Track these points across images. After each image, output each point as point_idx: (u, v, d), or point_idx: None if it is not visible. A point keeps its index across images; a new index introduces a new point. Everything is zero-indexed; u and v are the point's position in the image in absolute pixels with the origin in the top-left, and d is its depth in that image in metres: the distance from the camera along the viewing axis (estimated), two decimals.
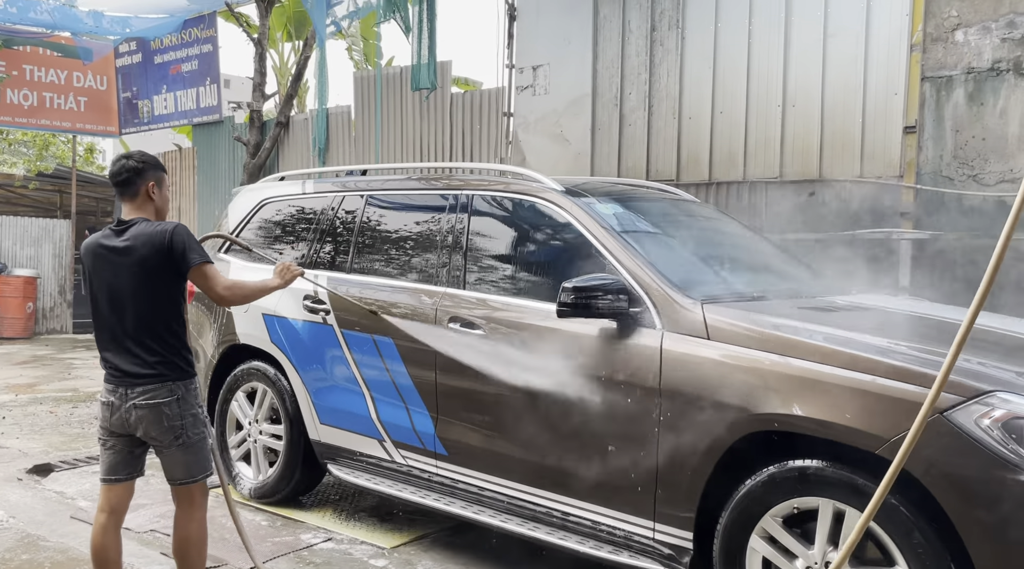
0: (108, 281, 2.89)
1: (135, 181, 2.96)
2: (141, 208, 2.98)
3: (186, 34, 12.18)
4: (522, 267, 3.64)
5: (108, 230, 2.95)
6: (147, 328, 2.88)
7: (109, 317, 2.90)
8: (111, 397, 2.89)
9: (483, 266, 3.72)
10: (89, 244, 2.97)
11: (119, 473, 2.96)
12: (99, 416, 2.96)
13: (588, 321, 3.11)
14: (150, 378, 2.87)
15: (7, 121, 12.85)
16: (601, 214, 3.37)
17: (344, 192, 4.43)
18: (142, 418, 2.85)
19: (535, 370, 3.28)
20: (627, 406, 2.97)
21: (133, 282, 2.86)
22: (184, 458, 2.93)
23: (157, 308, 2.90)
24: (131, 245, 2.85)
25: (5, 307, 12.42)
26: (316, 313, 4.18)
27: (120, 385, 2.87)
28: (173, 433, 2.88)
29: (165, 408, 2.86)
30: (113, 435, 2.93)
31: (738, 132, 6.77)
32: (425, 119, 9.32)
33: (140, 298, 2.87)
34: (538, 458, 3.27)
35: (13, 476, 4.92)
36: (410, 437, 3.75)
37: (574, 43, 7.80)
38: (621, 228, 3.32)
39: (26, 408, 7.04)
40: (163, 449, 2.92)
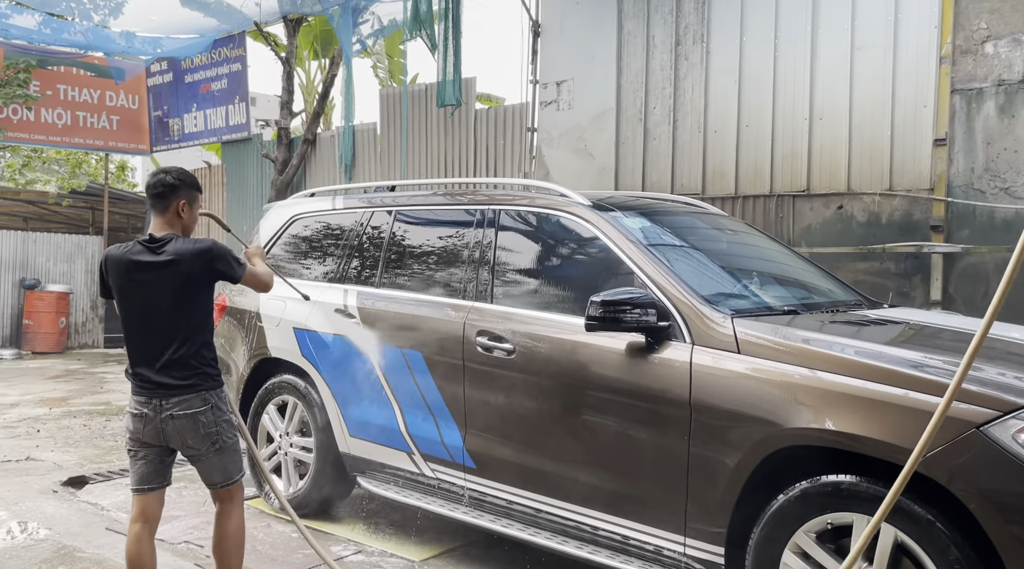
0: (144, 294, 2.94)
1: (168, 196, 3.04)
2: (171, 224, 3.05)
3: (216, 53, 12.41)
4: (549, 281, 3.67)
5: (138, 245, 2.98)
6: (184, 340, 2.94)
7: (144, 330, 2.95)
8: (143, 409, 2.93)
9: (510, 280, 3.74)
10: (119, 257, 2.97)
11: (151, 482, 3.02)
12: (129, 428, 2.99)
13: (616, 335, 3.12)
14: (185, 389, 2.93)
15: (41, 139, 13.15)
16: (628, 228, 3.39)
17: (373, 208, 4.48)
18: (179, 428, 2.92)
19: (563, 383, 3.29)
20: (656, 420, 2.97)
21: (173, 296, 2.93)
22: (221, 463, 3.03)
23: (195, 321, 2.99)
24: (174, 260, 2.93)
25: (39, 322, 12.66)
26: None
27: (154, 396, 2.91)
28: (209, 440, 2.97)
29: (201, 417, 2.94)
30: (145, 446, 2.98)
31: (764, 145, 6.77)
32: (450, 135, 9.40)
33: (179, 311, 2.94)
34: (567, 471, 3.27)
35: (48, 488, 5.01)
36: (439, 450, 3.76)
37: (598, 58, 7.86)
38: (649, 242, 3.34)
39: (60, 421, 7.16)
40: (200, 457, 3.00)
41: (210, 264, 2.98)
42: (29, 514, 4.48)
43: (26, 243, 13.12)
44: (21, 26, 11.69)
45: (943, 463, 2.31)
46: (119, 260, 2.98)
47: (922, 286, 5.93)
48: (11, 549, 3.95)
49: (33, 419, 7.23)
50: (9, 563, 3.77)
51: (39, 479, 5.21)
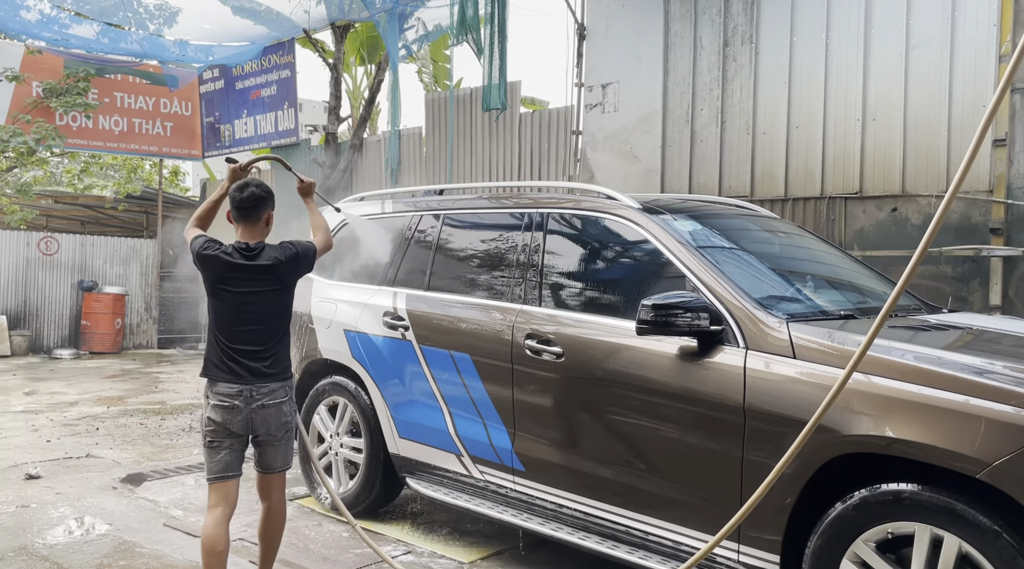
0: (245, 295, 3.19)
1: (259, 208, 3.28)
2: (260, 233, 3.30)
3: (266, 60, 12.66)
4: (598, 284, 3.66)
5: (234, 250, 3.21)
6: (276, 336, 3.25)
7: (241, 326, 3.18)
8: (234, 400, 3.14)
9: (559, 283, 3.75)
10: (219, 259, 3.19)
11: (234, 470, 3.22)
12: (215, 420, 3.13)
13: (667, 339, 3.10)
14: (274, 379, 3.21)
15: (99, 146, 13.56)
16: (679, 231, 3.36)
17: (421, 212, 4.53)
18: (267, 417, 3.17)
19: (612, 387, 3.28)
20: (709, 426, 2.94)
21: (273, 297, 3.24)
22: (286, 449, 3.31)
23: (285, 319, 3.32)
24: (273, 266, 3.22)
25: (96, 323, 13.04)
26: (395, 329, 4.28)
27: (246, 387, 3.15)
28: (285, 428, 3.26)
29: (284, 406, 3.24)
30: (231, 436, 3.17)
31: (815, 147, 6.66)
32: (494, 139, 9.45)
33: (276, 310, 3.26)
34: (617, 476, 3.26)
35: (108, 485, 5.16)
36: (487, 452, 3.78)
37: (644, 61, 7.82)
38: (700, 245, 3.31)
39: (117, 420, 7.36)
40: (274, 442, 3.24)
41: (299, 267, 3.33)
42: (90, 510, 4.62)
43: (84, 246, 13.54)
44: (81, 36, 12.09)
45: (1011, 472, 2.24)
46: (220, 260, 3.19)
47: (980, 290, 5.77)
48: (74, 544, 4.08)
49: (92, 417, 7.45)
50: (72, 558, 3.89)
51: (99, 476, 5.37)
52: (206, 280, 3.24)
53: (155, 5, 12.52)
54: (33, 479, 5.24)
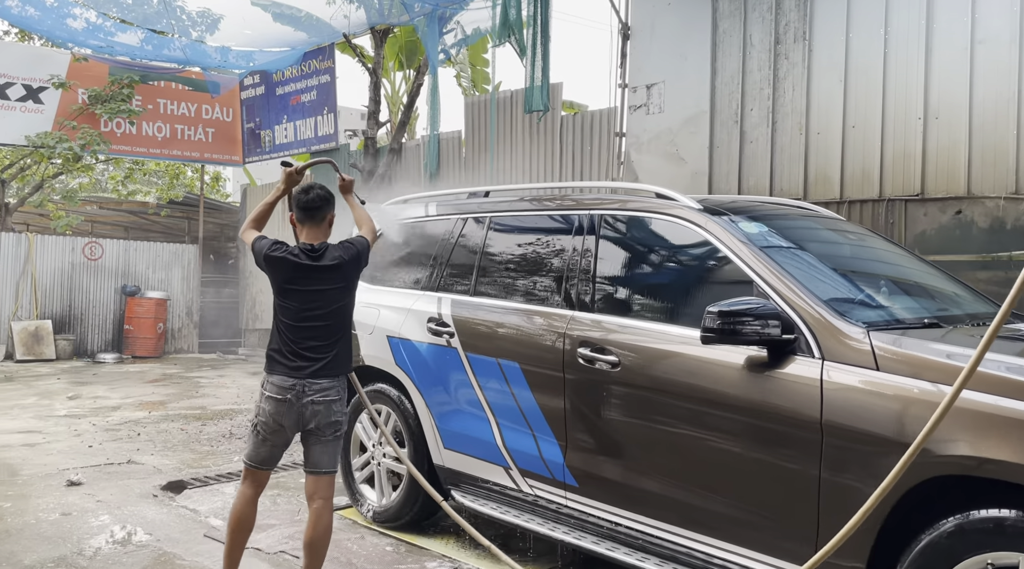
0: (308, 295, 3.28)
1: (324, 209, 3.42)
2: (324, 233, 3.42)
3: (305, 66, 12.68)
4: (656, 290, 3.47)
5: (300, 251, 3.31)
6: (338, 334, 3.33)
7: (302, 324, 3.27)
8: (287, 394, 3.21)
9: (613, 288, 3.57)
10: (285, 260, 3.29)
11: (269, 464, 3.37)
12: (268, 410, 3.22)
13: (733, 348, 2.90)
14: (327, 376, 3.27)
15: (142, 152, 13.70)
16: (744, 232, 3.16)
17: (467, 214, 4.38)
18: (316, 413, 3.22)
19: (673, 399, 3.09)
20: (781, 442, 2.73)
21: (337, 295, 3.34)
22: (335, 448, 3.34)
23: (349, 316, 3.41)
24: (338, 265, 3.34)
25: (138, 327, 13.16)
26: (440, 336, 4.13)
27: (300, 382, 3.21)
28: (334, 427, 3.30)
29: (334, 405, 3.28)
30: (278, 430, 3.26)
31: (873, 147, 6.39)
32: (535, 141, 9.29)
33: (341, 308, 3.35)
34: (679, 494, 3.07)
35: (149, 492, 5.09)
36: (538, 466, 3.61)
37: (691, 60, 7.60)
38: (766, 247, 3.11)
39: (159, 425, 7.34)
40: (321, 440, 3.27)
41: (361, 264, 3.44)
42: (130, 518, 4.54)
43: (127, 251, 13.68)
44: (125, 43, 12.22)
45: None
46: (287, 260, 3.29)
47: None
48: (114, 554, 4.00)
49: (133, 422, 7.44)
50: None
51: (140, 483, 5.31)
52: (273, 280, 3.34)
53: (197, 12, 12.61)
54: (74, 486, 5.20)
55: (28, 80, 12.32)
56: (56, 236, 13.11)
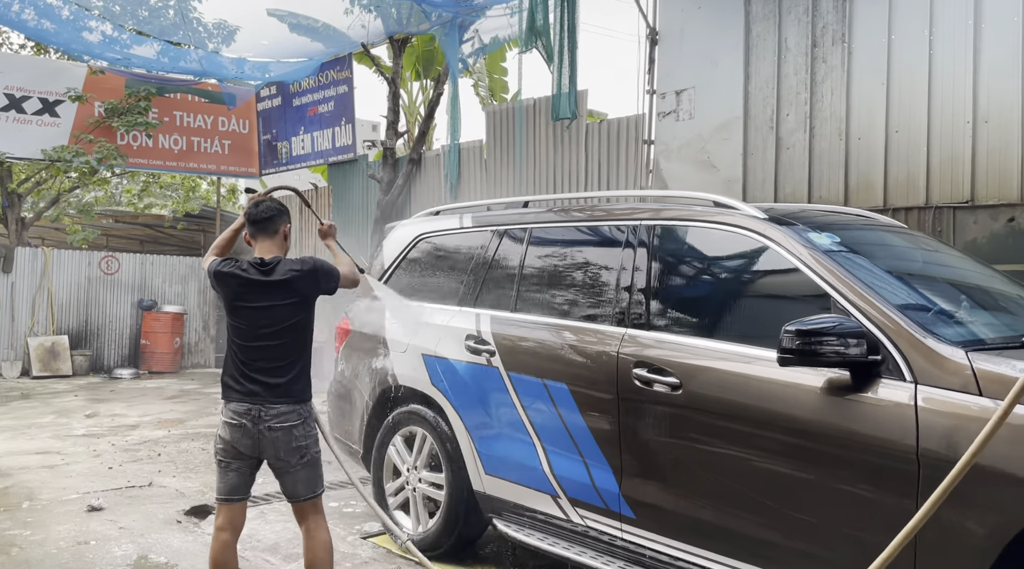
0: (258, 312, 3.12)
1: (276, 221, 3.28)
2: (279, 246, 3.28)
3: (323, 76, 12.55)
4: (719, 306, 3.24)
5: (249, 265, 3.17)
6: (291, 355, 3.14)
7: (253, 344, 3.11)
8: (242, 419, 3.07)
9: (671, 305, 3.34)
10: (233, 275, 3.16)
11: (241, 493, 3.17)
12: (224, 438, 3.10)
13: (809, 370, 2.67)
14: (288, 401, 3.10)
15: (159, 165, 13.59)
16: (817, 244, 2.93)
17: (505, 226, 4.17)
18: (275, 441, 3.06)
19: (743, 425, 2.85)
20: (870, 473, 2.49)
21: (289, 312, 3.15)
22: (307, 475, 3.15)
23: (303, 336, 3.21)
24: (288, 280, 3.15)
25: (155, 342, 13.01)
26: (479, 354, 3.91)
27: (255, 405, 3.06)
28: (299, 453, 3.11)
29: (295, 430, 3.10)
30: (239, 457, 3.11)
31: (918, 152, 6.13)
32: (559, 150, 9.09)
33: (294, 326, 3.16)
34: (749, 527, 2.83)
35: (173, 518, 4.88)
36: (589, 495, 3.38)
37: (722, 65, 7.38)
38: (842, 260, 2.87)
39: (179, 445, 7.14)
40: (288, 470, 3.12)
41: (318, 282, 3.24)
42: (155, 547, 4.33)
43: (144, 265, 13.55)
44: (141, 55, 12.12)
45: None
46: (234, 276, 3.16)
47: None
48: None
49: (153, 442, 7.25)
50: None
51: (163, 507, 5.10)
52: (223, 298, 3.22)
53: (213, 24, 12.54)
54: (95, 511, 4.99)
55: (44, 93, 12.24)
56: (72, 250, 13.00)
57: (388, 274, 4.74)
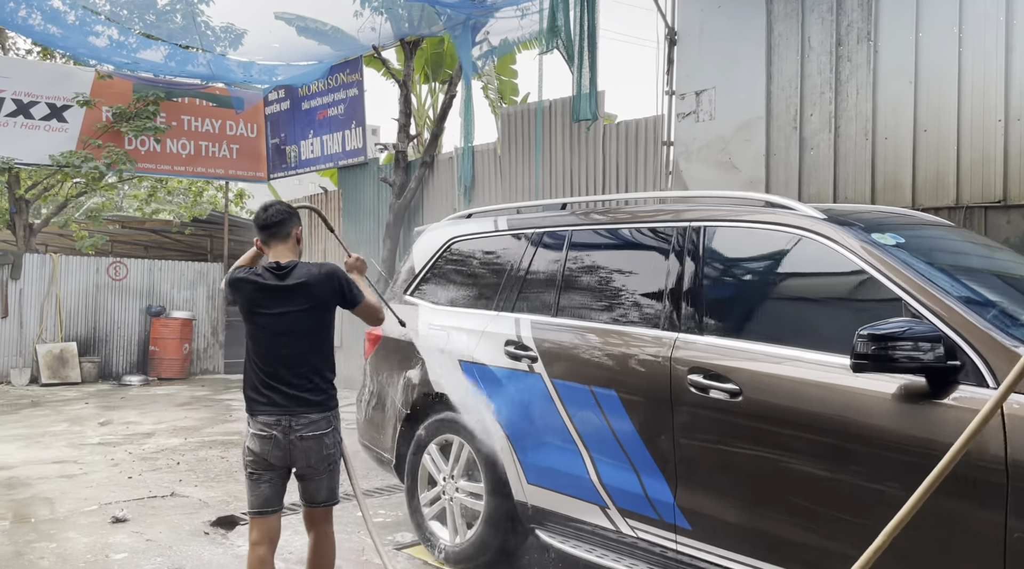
0: (276, 318, 3.05)
1: (287, 224, 3.20)
2: (292, 250, 3.20)
3: (332, 79, 12.46)
4: (778, 310, 3.14)
5: (265, 271, 3.11)
6: (314, 362, 3.09)
7: (275, 352, 3.05)
8: (272, 430, 3.01)
9: (727, 309, 3.25)
10: (247, 280, 3.09)
11: (274, 505, 3.11)
12: (254, 450, 3.02)
13: (880, 376, 2.57)
14: (315, 409, 3.05)
15: (167, 170, 13.50)
16: (882, 245, 2.84)
17: (544, 228, 4.08)
18: (306, 449, 3.03)
19: (810, 434, 2.76)
20: (951, 486, 2.39)
21: (306, 318, 3.07)
22: (330, 482, 3.15)
23: (323, 343, 3.15)
24: (305, 283, 3.08)
25: (164, 348, 12.91)
26: (520, 360, 3.82)
27: (285, 416, 3.01)
28: (327, 461, 3.11)
29: (325, 438, 3.08)
30: (270, 468, 3.05)
31: (948, 151, 6.04)
32: (575, 152, 9.00)
33: (311, 334, 3.09)
34: (817, 541, 2.73)
35: (199, 529, 4.78)
36: (641, 505, 3.28)
37: (744, 64, 7.29)
38: (911, 261, 2.78)
39: (197, 453, 7.04)
40: (315, 476, 3.10)
41: (336, 288, 3.16)
42: (186, 561, 4.23)
43: (152, 271, 13.45)
44: (149, 60, 12.04)
45: None
46: (249, 282, 3.10)
47: None
48: None
49: (171, 450, 7.15)
50: None
51: (188, 519, 5.00)
52: (240, 306, 3.15)
53: (221, 27, 12.45)
54: (120, 523, 4.90)
55: (52, 98, 12.15)
56: (80, 256, 12.90)
57: (419, 278, 4.65)
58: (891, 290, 2.69)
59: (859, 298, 2.86)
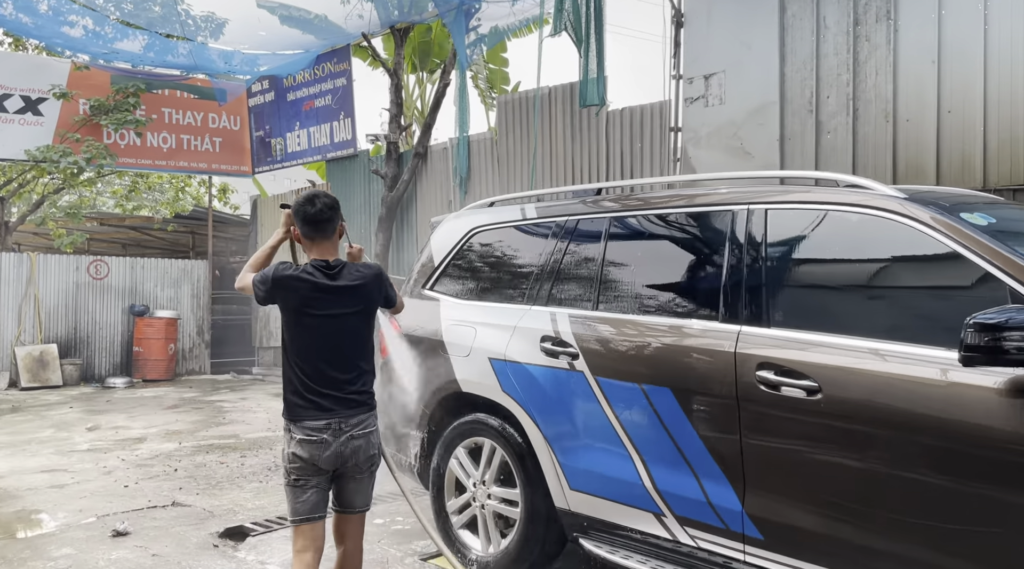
0: (327, 319, 2.93)
1: (334, 220, 3.04)
2: (335, 248, 3.06)
3: (319, 69, 12.10)
4: (859, 299, 2.90)
5: (314, 270, 2.95)
6: (360, 362, 3.00)
7: (327, 353, 2.94)
8: (323, 434, 2.90)
9: (799, 299, 3.00)
10: (301, 279, 2.93)
11: (322, 510, 2.99)
12: (302, 456, 2.89)
13: (984, 370, 2.35)
14: (364, 408, 2.99)
15: (148, 164, 13.07)
16: (977, 226, 2.61)
17: (579, 215, 3.81)
18: (356, 449, 2.95)
19: (903, 432, 2.53)
20: None
21: (355, 319, 2.99)
22: (369, 484, 3.07)
23: (368, 343, 3.05)
24: (359, 285, 3.00)
25: (148, 349, 12.49)
26: (557, 357, 3.56)
27: (334, 419, 2.91)
28: (372, 461, 3.03)
29: (372, 437, 3.02)
30: (318, 474, 2.94)
31: (974, 134, 5.85)
32: (577, 140, 8.74)
33: (359, 334, 3.01)
34: (912, 552, 2.50)
35: (208, 542, 4.48)
36: (703, 513, 3.04)
37: (755, 46, 7.06)
38: (1012, 241, 2.55)
39: (194, 458, 6.71)
40: (358, 476, 3.00)
41: (383, 289, 3.11)
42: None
43: (134, 269, 13.01)
44: (127, 50, 11.61)
45: None
46: (298, 281, 2.94)
47: None
48: None
49: (166, 456, 6.81)
50: None
51: (194, 530, 4.69)
52: (286, 307, 2.97)
53: (202, 16, 12.03)
54: (121, 536, 4.58)
55: (27, 91, 11.68)
56: (59, 255, 12.43)
57: (440, 271, 4.37)
58: (992, 274, 2.46)
59: (951, 283, 2.63)
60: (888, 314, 2.77)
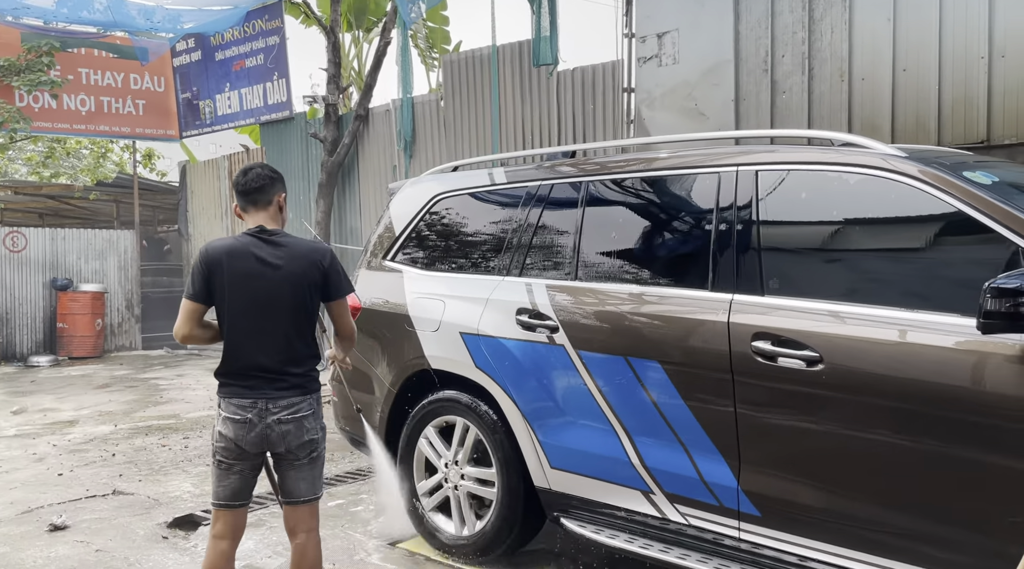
0: (258, 292, 2.79)
1: (269, 190, 2.92)
2: (273, 218, 2.93)
3: (249, 27, 11.44)
4: (861, 264, 2.78)
5: (253, 238, 2.82)
6: (295, 342, 2.83)
7: (257, 329, 2.80)
8: (247, 414, 2.76)
9: (796, 265, 2.88)
10: (232, 249, 2.80)
11: (243, 497, 2.87)
12: (227, 435, 2.76)
13: (991, 338, 2.26)
14: (297, 391, 2.82)
15: (65, 128, 12.24)
16: (982, 185, 2.51)
17: (554, 180, 3.60)
18: (286, 433, 2.79)
19: (910, 403, 2.43)
20: None
21: (292, 295, 2.82)
22: (312, 473, 2.88)
23: (307, 323, 2.88)
24: (291, 259, 2.82)
25: (74, 325, 11.82)
26: (535, 331, 3.37)
27: (259, 399, 2.77)
28: (310, 447, 2.85)
29: (306, 422, 2.83)
30: (243, 457, 2.80)
31: (928, 93, 5.84)
32: (527, 101, 8.48)
33: (293, 312, 2.83)
34: (921, 526, 2.44)
35: (156, 533, 4.19)
36: (695, 490, 2.92)
37: (709, 4, 6.90)
38: (1020, 200, 2.45)
39: (132, 442, 6.34)
40: (295, 464, 2.84)
41: (326, 270, 2.88)
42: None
43: (55, 240, 12.24)
44: (37, 5, 10.73)
45: None
46: (233, 252, 2.80)
47: None
48: None
49: (101, 440, 6.41)
50: None
51: (140, 521, 4.39)
52: (215, 279, 2.79)
53: None
54: (59, 531, 4.25)
55: None
56: None
57: (401, 241, 4.11)
58: (1002, 235, 2.36)
59: (958, 246, 2.54)
60: (890, 279, 2.66)
